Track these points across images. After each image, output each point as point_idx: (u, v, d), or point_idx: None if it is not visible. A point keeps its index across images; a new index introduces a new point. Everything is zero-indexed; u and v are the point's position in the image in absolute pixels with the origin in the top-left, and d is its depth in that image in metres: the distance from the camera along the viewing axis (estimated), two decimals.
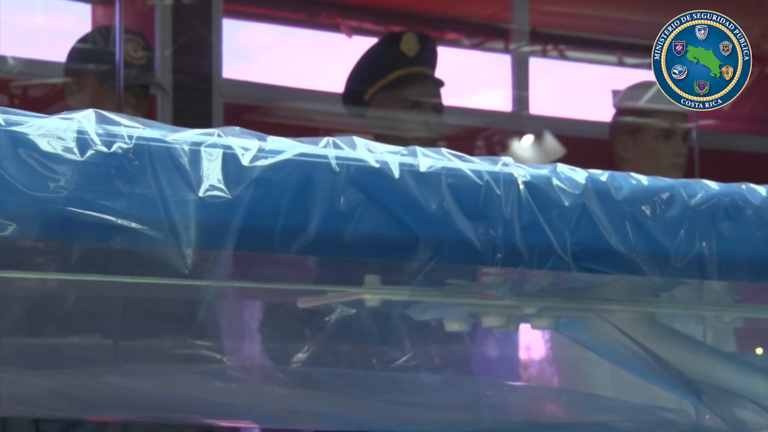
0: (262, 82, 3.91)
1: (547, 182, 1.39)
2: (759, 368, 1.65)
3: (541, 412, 1.53)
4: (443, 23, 4.29)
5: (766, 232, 1.50)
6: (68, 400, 1.40)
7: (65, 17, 3.73)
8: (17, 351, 1.39)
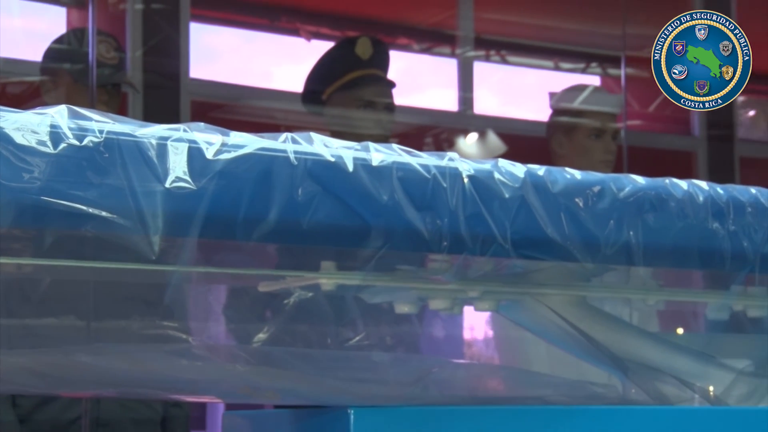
0: (227, 81, 3.90)
1: (489, 176, 1.37)
2: (680, 347, 1.65)
3: (483, 388, 1.51)
4: (395, 29, 4.30)
5: (687, 223, 1.50)
6: (41, 377, 1.37)
7: (41, 19, 3.70)
8: None
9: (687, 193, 1.50)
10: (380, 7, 4.35)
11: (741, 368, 1.61)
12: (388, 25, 4.30)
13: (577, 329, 1.51)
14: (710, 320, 1.64)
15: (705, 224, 1.50)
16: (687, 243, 1.49)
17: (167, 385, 1.50)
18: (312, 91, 2.96)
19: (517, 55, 4.62)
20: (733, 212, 1.52)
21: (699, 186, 1.53)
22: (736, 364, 1.62)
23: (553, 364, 1.64)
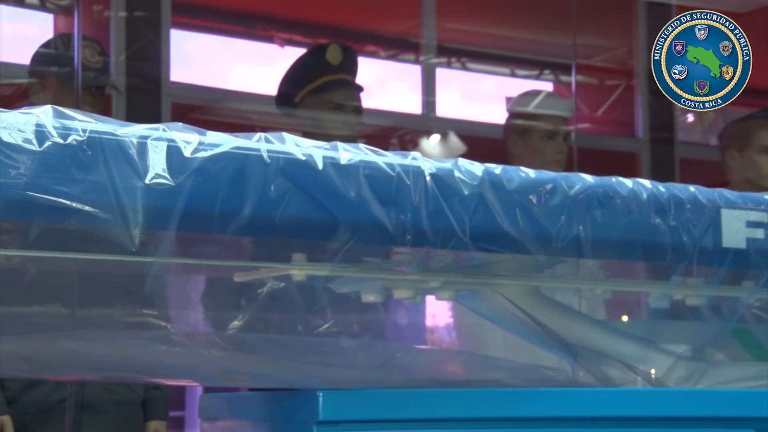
0: (205, 85, 3.88)
1: (450, 174, 1.37)
2: (624, 333, 1.64)
3: (443, 371, 1.51)
4: (363, 37, 4.30)
5: (631, 218, 1.50)
6: (28, 362, 1.36)
7: (30, 25, 3.68)
8: None
9: (631, 191, 1.50)
10: (349, 16, 4.35)
11: (680, 352, 1.61)
12: (357, 33, 4.30)
13: (530, 317, 1.51)
14: (652, 308, 1.64)
15: (648, 220, 1.50)
16: (631, 237, 1.49)
17: (147, 370, 1.49)
18: (285, 94, 2.95)
19: (476, 63, 4.63)
20: (674, 209, 1.52)
21: (642, 184, 1.52)
22: (675, 349, 1.62)
23: (508, 349, 1.63)
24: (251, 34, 4.26)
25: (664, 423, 1.45)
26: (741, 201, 1.58)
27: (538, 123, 3.27)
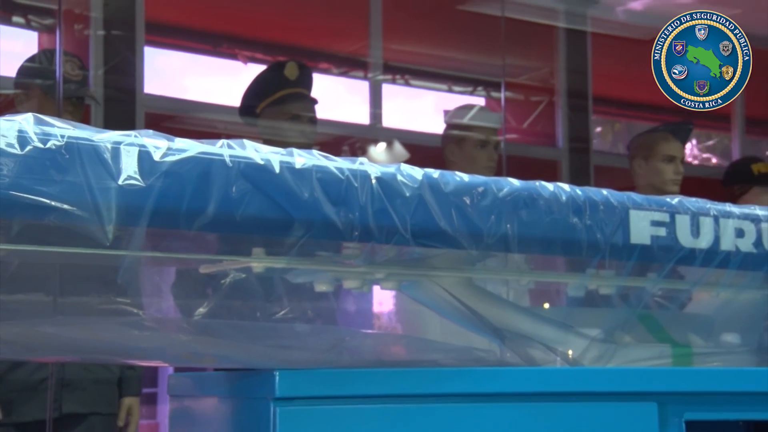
0: (175, 96, 3.84)
1: (393, 178, 1.36)
2: (546, 319, 1.64)
3: (387, 353, 1.50)
4: (317, 55, 4.30)
5: (552, 218, 1.50)
6: (10, 345, 1.33)
7: (16, 41, 3.64)
8: None
9: (553, 194, 1.50)
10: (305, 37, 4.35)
11: (593, 335, 1.62)
12: (312, 52, 4.30)
13: (464, 304, 1.51)
14: (570, 297, 1.65)
15: (567, 219, 1.50)
16: (552, 234, 1.49)
17: (121, 352, 1.48)
18: (247, 105, 2.93)
19: (417, 79, 4.65)
20: (589, 209, 1.52)
21: (562, 188, 1.52)
22: (589, 333, 1.63)
23: (444, 333, 1.63)
24: (217, 51, 4.25)
25: (580, 398, 1.45)
26: (646, 203, 1.58)
27: (472, 133, 3.28)
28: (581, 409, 1.45)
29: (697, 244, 1.58)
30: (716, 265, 1.62)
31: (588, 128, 4.70)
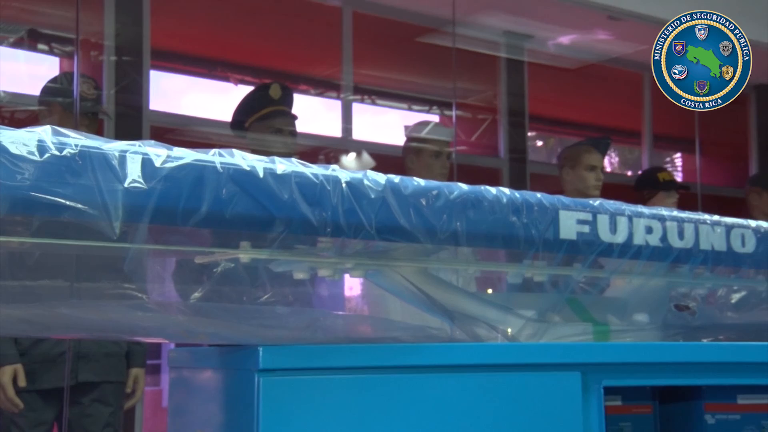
0: (176, 113, 3.80)
1: (360, 182, 1.35)
2: (489, 302, 1.64)
3: (355, 331, 1.50)
4: (298, 78, 4.30)
5: (495, 216, 1.50)
6: (32, 324, 1.32)
7: (40, 65, 3.62)
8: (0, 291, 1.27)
9: (495, 197, 1.50)
10: (287, 62, 4.36)
11: (528, 316, 1.62)
12: (293, 75, 4.29)
13: (420, 290, 1.50)
14: (509, 283, 1.65)
15: (507, 218, 1.49)
16: (495, 230, 1.49)
17: (127, 330, 1.46)
18: (237, 120, 2.91)
19: (382, 99, 4.65)
20: (525, 210, 1.52)
21: (503, 192, 1.52)
22: (525, 313, 1.63)
23: (404, 314, 1.62)
24: (212, 74, 4.23)
25: (517, 369, 1.45)
26: (573, 205, 1.58)
27: (428, 145, 3.28)
28: (518, 378, 1.45)
29: (615, 239, 1.59)
30: (630, 257, 1.62)
31: (525, 142, 4.72)
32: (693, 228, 1.68)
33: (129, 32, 3.51)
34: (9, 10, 3.47)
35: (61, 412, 2.72)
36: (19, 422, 2.63)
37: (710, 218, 1.73)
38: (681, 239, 1.66)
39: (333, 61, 4.16)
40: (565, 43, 4.65)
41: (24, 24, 3.53)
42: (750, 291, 1.85)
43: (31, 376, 2.62)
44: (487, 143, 4.72)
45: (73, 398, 2.72)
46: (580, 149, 3.58)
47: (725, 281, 1.81)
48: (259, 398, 1.24)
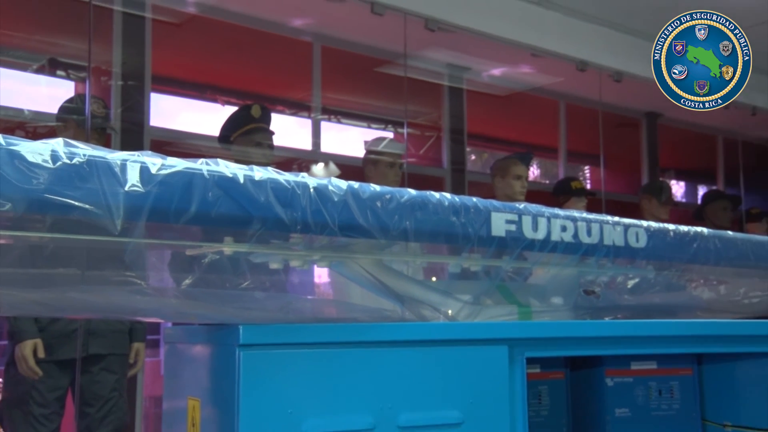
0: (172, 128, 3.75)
1: (326, 187, 1.33)
2: (433, 288, 1.63)
3: (322, 312, 1.50)
4: (275, 100, 4.27)
5: (438, 217, 1.49)
6: (46, 306, 1.30)
7: (58, 88, 3.58)
8: (21, 278, 1.24)
9: (439, 200, 1.49)
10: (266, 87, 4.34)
11: (466, 300, 1.62)
12: (271, 98, 4.26)
13: (376, 278, 1.49)
14: (450, 273, 1.65)
15: (448, 218, 1.49)
16: (438, 228, 1.48)
17: (129, 311, 1.45)
18: (224, 135, 2.88)
19: (346, 119, 4.63)
20: (463, 212, 1.51)
21: (445, 196, 1.51)
22: (463, 297, 1.63)
23: (363, 299, 1.60)
24: (203, 96, 4.19)
25: (456, 343, 1.45)
26: (502, 207, 1.59)
27: (384, 157, 3.28)
28: (457, 351, 1.44)
29: (536, 236, 1.59)
30: (548, 251, 1.63)
31: (464, 156, 4.73)
32: (598, 227, 1.69)
33: (133, 61, 3.46)
34: (32, 42, 3.44)
35: (74, 379, 2.68)
36: (39, 387, 2.57)
37: (612, 219, 1.75)
38: (589, 236, 1.67)
39: (304, 87, 4.14)
40: (497, 74, 4.68)
41: (45, 54, 3.48)
42: (642, 278, 1.87)
43: (49, 349, 2.57)
44: (432, 156, 4.73)
45: (84, 367, 2.69)
46: (509, 162, 3.59)
47: (623, 270, 1.83)
48: (239, 368, 1.23)
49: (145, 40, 3.51)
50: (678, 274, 1.92)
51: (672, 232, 1.83)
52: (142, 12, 3.48)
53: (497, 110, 5.15)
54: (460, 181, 4.61)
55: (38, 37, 3.48)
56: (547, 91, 5.04)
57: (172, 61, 3.93)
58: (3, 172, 1.02)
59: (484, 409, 1.43)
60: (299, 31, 4.03)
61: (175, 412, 1.48)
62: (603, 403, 1.99)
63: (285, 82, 4.35)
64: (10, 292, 1.24)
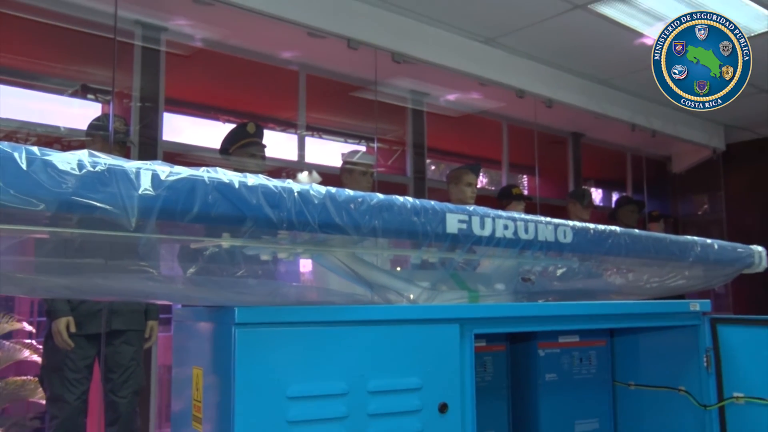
0: (182, 142, 3.68)
1: (308, 192, 1.31)
2: (399, 276, 1.62)
3: (305, 297, 1.48)
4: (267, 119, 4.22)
5: (403, 217, 1.46)
6: (75, 290, 1.28)
7: (88, 109, 3.52)
8: (54, 266, 1.24)
9: (403, 203, 1.48)
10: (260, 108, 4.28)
11: (425, 286, 1.62)
12: (264, 117, 4.21)
13: (350, 268, 1.48)
14: (412, 264, 1.64)
15: (410, 218, 1.48)
16: (402, 227, 1.47)
17: (143, 295, 1.43)
18: (224, 147, 2.84)
19: (326, 135, 4.59)
20: (423, 213, 1.50)
21: (408, 200, 1.50)
22: (423, 284, 1.62)
23: (339, 285, 1.58)
24: (207, 115, 4.12)
25: (417, 322, 1.45)
26: (455, 209, 1.58)
27: (358, 167, 3.25)
28: (417, 329, 1.44)
29: (483, 233, 1.59)
30: (493, 245, 1.63)
31: (424, 166, 4.72)
32: (534, 226, 1.70)
33: (149, 86, 3.41)
34: (68, 71, 3.40)
35: (100, 350, 2.66)
36: (72, 356, 2.57)
37: (544, 219, 1.75)
38: (526, 233, 1.68)
39: (292, 108, 4.10)
40: (451, 99, 4.68)
41: (78, 81, 3.43)
42: (568, 268, 1.88)
43: (79, 325, 2.56)
44: (398, 166, 4.71)
45: (108, 341, 2.67)
46: (461, 171, 3.60)
47: (553, 261, 1.84)
48: (235, 343, 1.21)
49: (160, 69, 3.47)
50: (596, 264, 1.94)
51: (592, 230, 1.85)
52: (158, 46, 3.44)
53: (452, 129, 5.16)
54: (420, 187, 4.61)
55: (73, 67, 3.44)
56: (492, 113, 5.07)
57: (181, 87, 3.87)
58: (38, 178, 1.01)
59: (439, 376, 1.44)
60: (288, 61, 3.99)
61: (182, 378, 1.46)
62: (536, 370, 2.00)
63: (275, 104, 4.30)
64: (46, 278, 1.22)
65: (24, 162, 1.00)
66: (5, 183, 0.97)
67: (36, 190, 1.00)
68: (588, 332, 2.08)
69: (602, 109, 4.99)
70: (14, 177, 0.98)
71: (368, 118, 4.17)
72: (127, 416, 2.67)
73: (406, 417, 1.39)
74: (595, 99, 4.94)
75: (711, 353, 1.87)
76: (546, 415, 1.99)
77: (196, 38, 3.58)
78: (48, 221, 1.07)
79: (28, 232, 1.10)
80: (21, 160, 1.00)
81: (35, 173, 1.00)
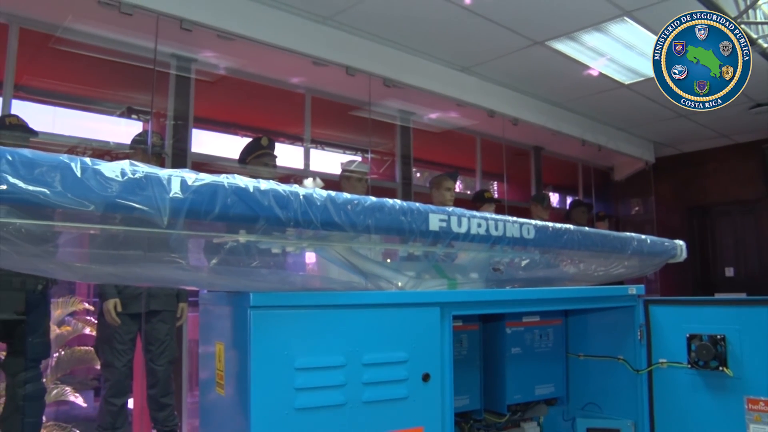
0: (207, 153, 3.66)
1: (311, 195, 1.29)
2: (389, 267, 1.61)
3: (310, 284, 1.47)
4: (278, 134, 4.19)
5: (392, 216, 1.46)
6: (119, 277, 1.28)
7: (131, 127, 3.52)
8: (103, 257, 1.21)
9: (392, 205, 1.47)
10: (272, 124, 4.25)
11: (411, 275, 1.61)
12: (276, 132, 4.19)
13: (347, 260, 1.47)
14: (400, 256, 1.63)
15: (399, 217, 1.47)
16: (392, 225, 1.46)
17: (174, 281, 1.39)
18: (242, 158, 2.84)
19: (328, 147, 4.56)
20: (410, 213, 1.50)
21: (397, 202, 1.50)
22: (409, 274, 1.62)
23: (339, 275, 1.57)
24: (228, 131, 4.10)
25: (404, 306, 1.44)
26: (437, 210, 1.58)
27: (354, 174, 3.24)
28: (404, 312, 1.44)
29: (460, 230, 1.59)
30: (468, 240, 1.63)
31: (411, 173, 4.71)
32: (503, 224, 1.70)
33: (181, 107, 3.41)
34: (117, 96, 3.43)
35: (141, 326, 2.68)
36: (119, 331, 2.61)
37: (512, 219, 1.75)
38: (496, 230, 1.68)
39: (299, 124, 4.09)
40: (433, 117, 4.67)
41: (125, 104, 3.46)
42: (531, 260, 1.88)
43: (124, 305, 2.60)
44: (388, 174, 4.70)
45: (147, 319, 2.69)
46: (441, 178, 3.60)
47: (519, 254, 1.84)
48: (250, 322, 1.21)
49: (190, 93, 3.47)
50: (554, 256, 1.94)
51: (551, 228, 1.85)
52: (189, 74, 3.45)
53: (433, 142, 5.15)
54: (407, 191, 4.60)
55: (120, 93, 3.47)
56: (467, 129, 5.07)
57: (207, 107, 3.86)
58: (89, 183, 1.01)
59: (422, 351, 1.43)
60: (296, 85, 3.97)
61: (207, 351, 1.45)
62: (503, 345, 2.00)
63: (285, 121, 4.28)
64: (97, 267, 1.22)
65: (78, 171, 1.00)
66: (64, 188, 0.98)
67: (87, 194, 1.00)
68: (547, 313, 2.09)
69: (558, 127, 5.03)
70: (71, 183, 0.99)
71: (363, 133, 4.16)
72: (164, 381, 2.71)
73: (394, 385, 1.39)
74: (553, 118, 4.97)
75: (644, 328, 1.92)
76: (512, 382, 2.00)
77: (220, 67, 3.57)
78: (98, 220, 1.07)
79: (83, 229, 1.10)
80: (76, 169, 1.00)
81: (87, 180, 1.01)
